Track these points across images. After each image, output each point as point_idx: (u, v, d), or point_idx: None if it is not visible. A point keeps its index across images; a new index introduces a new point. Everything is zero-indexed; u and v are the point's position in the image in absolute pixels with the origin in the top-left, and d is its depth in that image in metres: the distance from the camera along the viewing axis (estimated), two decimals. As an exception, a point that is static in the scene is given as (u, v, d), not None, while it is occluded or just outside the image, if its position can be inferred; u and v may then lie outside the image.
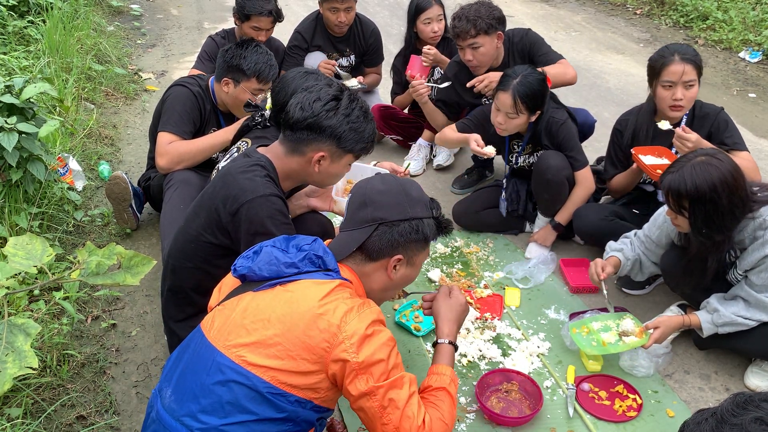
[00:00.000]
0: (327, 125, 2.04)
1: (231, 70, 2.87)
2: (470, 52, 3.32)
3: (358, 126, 2.08)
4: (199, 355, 1.63)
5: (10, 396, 2.24)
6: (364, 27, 4.13)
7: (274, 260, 1.69)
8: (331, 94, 2.06)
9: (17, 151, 2.87)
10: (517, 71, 2.97)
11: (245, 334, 1.59)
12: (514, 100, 2.93)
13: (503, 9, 3.45)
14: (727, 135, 2.84)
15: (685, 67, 2.74)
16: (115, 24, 6.64)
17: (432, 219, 1.86)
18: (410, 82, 3.91)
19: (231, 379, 1.55)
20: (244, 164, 2.11)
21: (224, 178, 2.12)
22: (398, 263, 1.82)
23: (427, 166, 4.11)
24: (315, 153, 2.07)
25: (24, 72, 4.05)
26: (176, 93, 3.02)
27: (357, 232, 1.79)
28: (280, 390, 1.55)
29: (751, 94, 5.37)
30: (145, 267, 2.06)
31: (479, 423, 2.28)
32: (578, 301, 2.93)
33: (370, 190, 1.83)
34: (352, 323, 1.58)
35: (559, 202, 3.15)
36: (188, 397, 1.58)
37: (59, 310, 2.64)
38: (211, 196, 2.14)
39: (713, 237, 2.29)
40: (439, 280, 3.02)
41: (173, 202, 2.94)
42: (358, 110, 2.09)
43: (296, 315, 1.59)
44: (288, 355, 1.56)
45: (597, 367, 2.50)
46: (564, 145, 3.10)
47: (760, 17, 6.45)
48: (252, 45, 2.87)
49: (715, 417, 1.22)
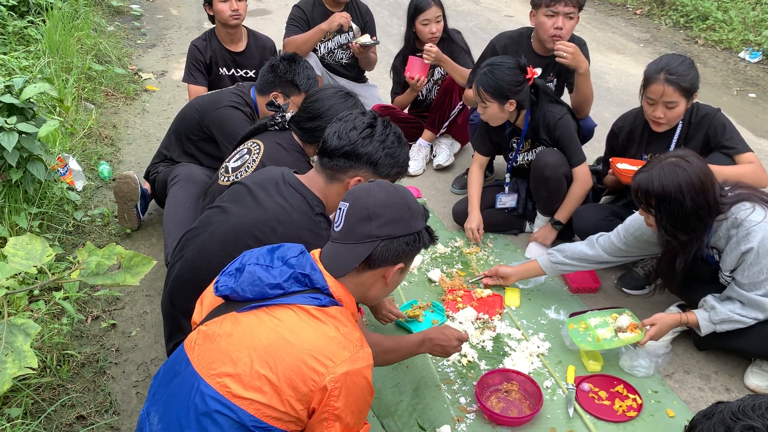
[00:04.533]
0: (363, 152, 2.07)
1: (283, 84, 2.90)
2: (562, 20, 3.25)
3: (393, 151, 2.12)
4: (184, 381, 1.58)
5: (10, 396, 2.24)
6: (359, 5, 4.23)
7: (258, 281, 1.61)
8: (366, 123, 2.11)
9: (17, 151, 2.87)
10: (488, 62, 3.09)
11: (230, 363, 1.54)
12: (478, 90, 3.06)
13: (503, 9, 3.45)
14: (726, 138, 2.82)
15: (665, 89, 2.71)
16: (115, 24, 6.64)
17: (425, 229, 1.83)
18: (409, 83, 3.92)
19: (216, 410, 1.50)
20: (299, 207, 2.05)
21: (279, 217, 2.03)
22: (398, 271, 1.77)
23: (427, 166, 4.11)
24: (352, 179, 2.09)
25: (24, 72, 4.06)
26: (233, 117, 3.01)
27: (360, 247, 1.71)
28: (265, 424, 1.51)
29: (751, 94, 5.37)
30: (145, 267, 2.06)
31: (479, 423, 2.28)
32: (578, 301, 2.93)
33: (374, 203, 1.73)
34: (342, 365, 1.52)
35: (558, 199, 3.15)
36: (174, 427, 1.54)
37: (59, 310, 2.64)
38: (263, 233, 2.03)
39: (678, 236, 2.36)
40: (439, 280, 3.02)
41: (178, 198, 2.92)
42: (392, 136, 2.14)
43: (286, 350, 1.53)
44: (274, 389, 1.51)
45: (597, 367, 2.51)
46: (562, 140, 3.11)
47: (760, 17, 6.45)
48: (302, 62, 2.94)
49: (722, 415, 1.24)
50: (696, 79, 2.76)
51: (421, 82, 3.87)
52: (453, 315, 2.78)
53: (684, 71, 2.72)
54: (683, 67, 2.73)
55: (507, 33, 3.59)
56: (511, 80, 3.00)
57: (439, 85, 4.04)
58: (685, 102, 2.76)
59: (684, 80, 2.71)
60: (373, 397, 1.65)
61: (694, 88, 2.75)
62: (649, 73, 2.78)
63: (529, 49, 3.41)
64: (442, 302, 2.87)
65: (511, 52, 3.47)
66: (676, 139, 2.91)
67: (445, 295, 2.92)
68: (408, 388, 2.41)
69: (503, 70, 3.01)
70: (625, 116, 3.11)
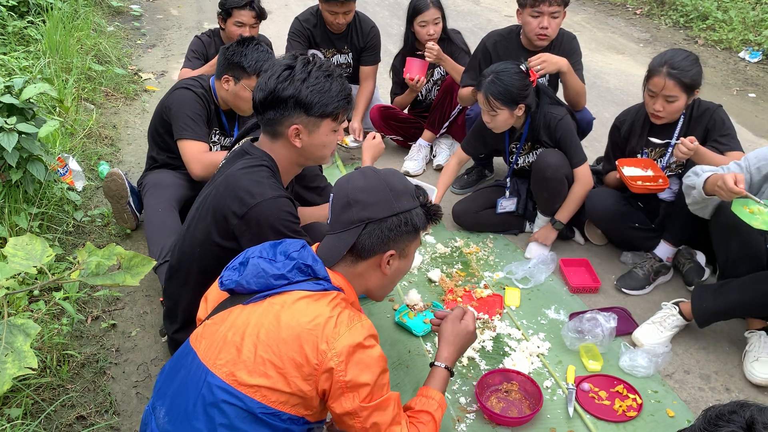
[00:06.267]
0: (286, 96, 1.96)
1: (232, 67, 2.86)
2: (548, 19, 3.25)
3: (321, 87, 1.97)
4: (190, 374, 1.60)
5: (10, 396, 2.24)
6: (363, 24, 4.11)
7: (262, 272, 1.65)
8: (283, 65, 1.99)
9: (17, 151, 2.87)
10: (491, 69, 3.04)
11: (236, 352, 1.56)
12: (487, 99, 3.01)
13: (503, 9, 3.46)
14: (722, 134, 2.84)
15: (666, 82, 2.74)
16: (115, 24, 6.64)
17: (420, 208, 1.80)
18: (409, 84, 3.92)
19: (223, 399, 1.52)
20: (246, 164, 2.07)
21: (228, 180, 2.07)
22: (391, 258, 1.78)
23: (427, 166, 4.11)
24: (289, 129, 2.02)
25: (24, 72, 4.05)
26: (182, 97, 2.99)
27: (345, 234, 1.74)
28: (273, 409, 1.53)
29: (751, 94, 5.37)
30: (145, 267, 2.05)
31: (479, 423, 2.28)
32: (578, 301, 2.93)
33: (352, 189, 1.76)
34: (342, 339, 1.55)
35: (559, 199, 3.15)
36: (181, 419, 1.55)
37: (59, 310, 2.64)
38: (217, 198, 2.09)
39: None
40: (439, 280, 3.02)
41: (150, 206, 2.98)
42: (316, 71, 1.98)
43: (286, 332, 1.56)
44: (279, 372, 1.53)
45: (597, 367, 2.51)
46: (563, 142, 3.11)
47: (760, 17, 6.45)
48: (252, 43, 2.88)
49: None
50: (698, 75, 2.77)
51: (420, 82, 3.86)
52: (453, 315, 2.77)
53: (686, 67, 2.74)
54: (686, 63, 2.75)
55: (497, 31, 3.61)
56: (520, 84, 3.00)
57: (438, 85, 4.04)
58: (685, 97, 2.78)
59: (685, 75, 2.72)
60: (386, 362, 1.67)
61: (695, 84, 2.77)
62: (653, 65, 2.81)
63: (518, 45, 3.43)
64: (442, 302, 2.88)
65: (501, 49, 3.49)
66: (677, 133, 2.93)
67: (445, 295, 2.93)
68: (408, 388, 2.41)
69: (510, 75, 2.99)
70: (628, 110, 3.14)
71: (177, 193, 3.05)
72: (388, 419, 1.63)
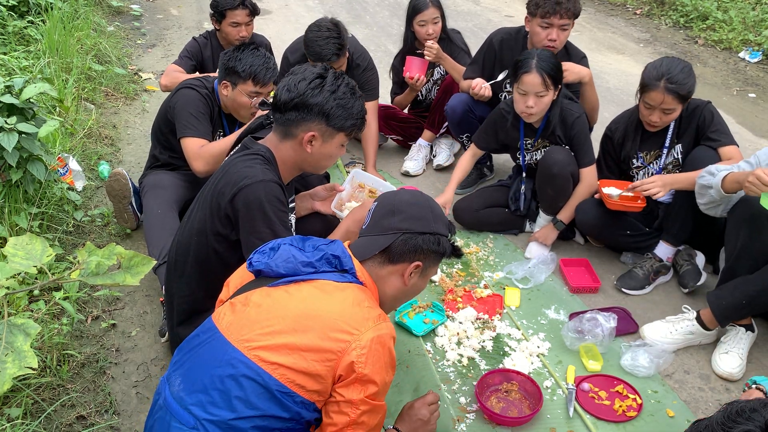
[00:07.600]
0: (313, 103, 2.04)
1: (228, 72, 2.87)
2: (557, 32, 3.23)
3: (346, 102, 2.07)
4: (211, 347, 1.64)
5: (10, 396, 2.24)
6: (360, 61, 3.76)
7: (291, 258, 1.71)
8: (315, 73, 2.06)
9: (17, 151, 2.87)
10: (532, 53, 3.00)
11: (259, 330, 1.60)
12: (542, 77, 2.94)
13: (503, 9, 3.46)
14: (712, 130, 2.85)
15: (665, 97, 2.75)
16: (115, 24, 6.64)
17: (448, 239, 1.90)
18: (408, 83, 3.92)
19: (242, 374, 1.56)
20: (243, 155, 2.12)
21: (224, 168, 2.14)
22: (415, 270, 1.84)
23: (426, 166, 4.11)
24: (305, 133, 2.08)
25: (24, 72, 4.05)
26: (186, 96, 2.99)
27: (381, 238, 1.81)
28: (289, 390, 1.56)
29: (751, 94, 5.37)
30: (145, 267, 2.05)
31: (479, 423, 2.28)
32: (578, 301, 2.93)
33: (399, 201, 1.87)
34: (367, 333, 1.60)
35: (563, 198, 3.15)
36: (198, 388, 1.59)
37: (59, 310, 2.64)
38: (213, 186, 2.14)
39: None
40: (439, 280, 3.02)
41: (149, 207, 2.98)
42: (344, 87, 2.08)
43: (312, 316, 1.61)
44: (300, 354, 1.57)
45: (597, 367, 2.51)
46: (576, 139, 3.11)
47: (760, 17, 6.45)
48: (249, 48, 2.88)
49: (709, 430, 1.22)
50: (694, 84, 2.80)
51: (420, 81, 3.86)
52: (453, 315, 2.78)
53: (683, 79, 2.75)
54: (683, 75, 2.75)
55: (506, 29, 3.61)
56: (559, 65, 3.01)
57: (438, 85, 4.04)
58: (681, 107, 2.82)
59: (683, 89, 2.75)
60: (394, 371, 1.71)
61: (691, 93, 2.80)
62: (649, 79, 2.79)
63: (524, 48, 3.42)
64: (442, 302, 2.88)
65: (507, 46, 3.49)
66: (670, 136, 2.96)
67: (445, 295, 2.92)
68: (408, 388, 2.41)
69: (551, 55, 2.99)
70: (618, 119, 3.15)
71: (176, 194, 3.05)
72: (372, 424, 1.67)
